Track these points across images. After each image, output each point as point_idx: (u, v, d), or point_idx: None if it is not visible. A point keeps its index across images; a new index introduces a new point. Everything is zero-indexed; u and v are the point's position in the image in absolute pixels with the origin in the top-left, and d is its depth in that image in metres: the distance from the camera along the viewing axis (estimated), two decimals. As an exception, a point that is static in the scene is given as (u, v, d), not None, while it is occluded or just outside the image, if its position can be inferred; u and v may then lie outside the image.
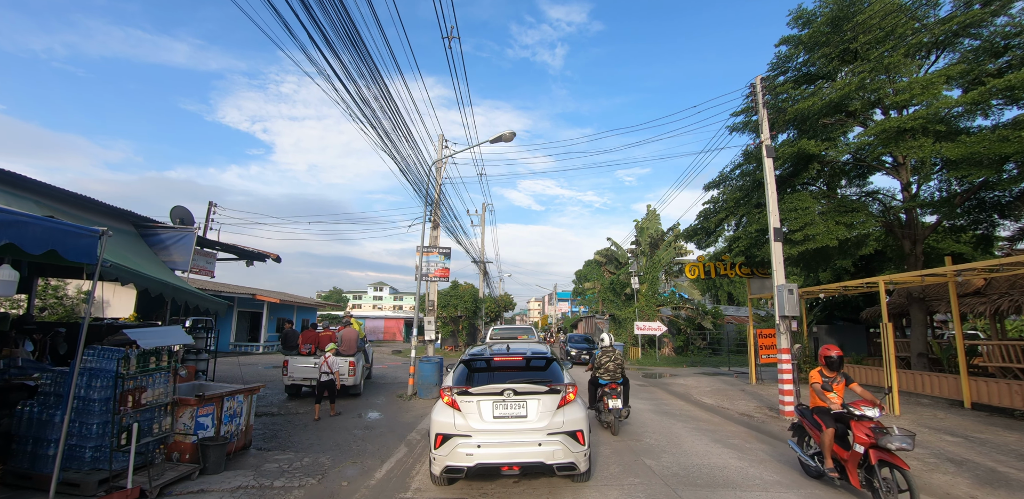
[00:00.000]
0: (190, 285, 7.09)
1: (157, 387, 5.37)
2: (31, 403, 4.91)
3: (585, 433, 5.08)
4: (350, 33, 7.96)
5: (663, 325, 22.11)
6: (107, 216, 7.06)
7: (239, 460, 6.24)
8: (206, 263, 9.28)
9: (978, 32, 11.26)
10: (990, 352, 11.47)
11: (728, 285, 37.86)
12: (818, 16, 12.79)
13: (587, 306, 42.27)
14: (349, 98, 9.10)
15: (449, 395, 5.17)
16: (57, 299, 18.97)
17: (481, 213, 31.54)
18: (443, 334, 29.41)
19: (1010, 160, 9.76)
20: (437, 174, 14.82)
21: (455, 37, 11.12)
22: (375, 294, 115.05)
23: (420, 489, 5.29)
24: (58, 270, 9.82)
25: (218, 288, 20.32)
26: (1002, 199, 11.81)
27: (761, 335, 13.33)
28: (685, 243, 23.09)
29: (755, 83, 10.93)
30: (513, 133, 12.71)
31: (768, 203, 10.26)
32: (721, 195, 15.37)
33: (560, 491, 5.19)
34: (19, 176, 5.55)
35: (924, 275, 10.00)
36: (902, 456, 4.74)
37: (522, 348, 6.16)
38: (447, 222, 17.03)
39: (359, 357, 11.61)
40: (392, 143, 11.21)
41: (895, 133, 10.41)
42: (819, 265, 15.44)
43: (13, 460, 4.74)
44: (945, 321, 23.44)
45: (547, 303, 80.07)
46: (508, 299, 42.19)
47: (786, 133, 13.92)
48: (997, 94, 9.63)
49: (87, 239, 4.16)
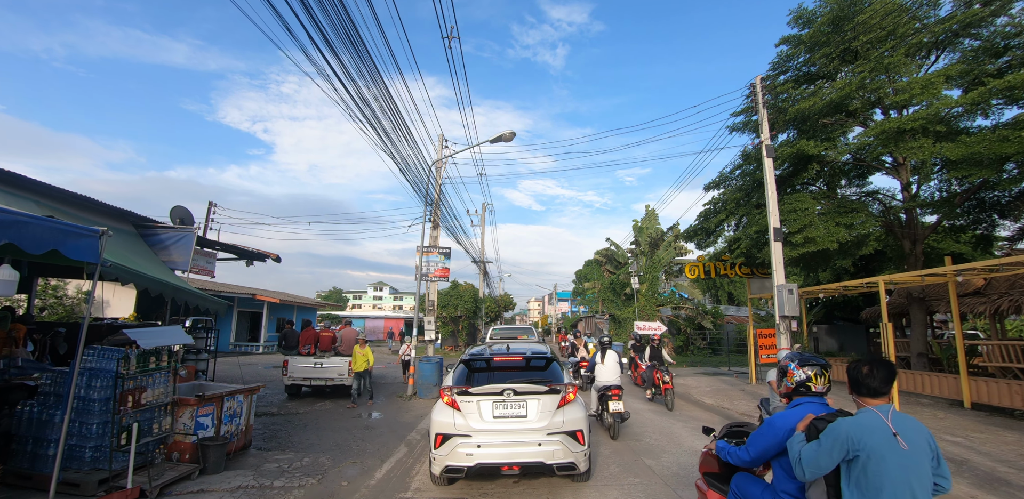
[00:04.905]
0: (190, 285, 7.08)
1: (157, 387, 5.37)
2: (31, 403, 4.90)
3: (585, 433, 5.08)
4: (350, 33, 7.96)
5: (663, 325, 22.11)
6: (107, 216, 7.05)
7: (239, 460, 6.24)
8: (206, 263, 9.27)
9: (978, 32, 11.26)
10: (990, 352, 11.47)
11: (728, 285, 37.82)
12: (819, 16, 12.80)
13: (587, 306, 42.29)
14: (349, 98, 9.11)
15: (449, 395, 5.17)
16: (57, 299, 18.97)
17: (481, 213, 31.57)
18: (443, 334, 29.40)
19: (1010, 160, 9.76)
20: (437, 174, 14.82)
21: (455, 37, 11.12)
22: (375, 294, 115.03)
23: (420, 489, 5.29)
24: (58, 270, 9.82)
25: (218, 288, 20.31)
26: (1002, 199, 11.82)
27: (761, 335, 13.33)
28: (685, 243, 23.09)
29: (755, 83, 10.94)
30: (513, 133, 12.71)
31: (768, 203, 10.26)
32: (721, 195, 15.38)
33: (560, 491, 5.19)
34: (19, 176, 5.55)
35: (924, 275, 10.00)
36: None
37: (522, 348, 6.16)
38: (447, 222, 17.04)
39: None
40: (392, 143, 11.22)
41: (895, 133, 10.41)
42: (819, 265, 15.44)
43: (13, 460, 4.74)
44: (945, 321, 23.43)
45: (547, 303, 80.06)
46: (508, 299, 42.19)
47: (786, 133, 13.92)
48: (997, 94, 9.63)
49: (87, 239, 4.16)
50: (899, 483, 2.12)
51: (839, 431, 2.22)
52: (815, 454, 2.25)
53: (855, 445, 2.17)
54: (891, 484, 2.12)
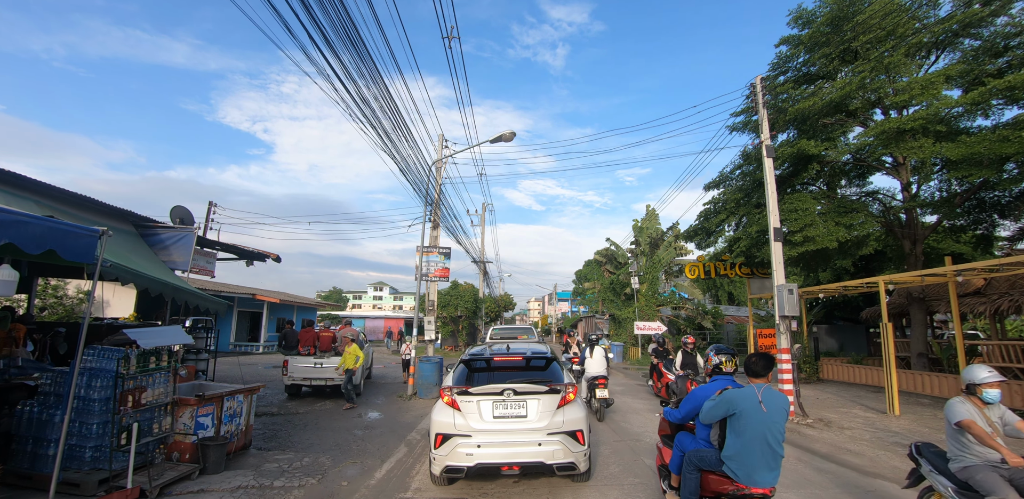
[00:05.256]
0: (190, 285, 7.08)
1: (157, 387, 5.37)
2: (31, 403, 4.90)
3: (585, 433, 5.08)
4: (350, 33, 7.96)
5: (663, 325, 22.11)
6: (107, 216, 7.05)
7: (239, 460, 6.24)
8: (206, 263, 9.27)
9: (978, 32, 11.27)
10: (990, 352, 11.47)
11: (728, 285, 37.82)
12: (818, 16, 12.80)
13: (587, 306, 42.29)
14: (349, 98, 9.10)
15: (449, 395, 5.17)
16: (57, 299, 18.97)
17: (481, 213, 31.56)
18: (443, 334, 29.39)
19: (1010, 160, 9.77)
20: (437, 174, 14.82)
21: (455, 37, 11.12)
22: (375, 294, 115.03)
23: (420, 489, 5.29)
24: (58, 270, 9.81)
25: (218, 288, 20.31)
26: (1002, 199, 11.83)
27: (761, 335, 13.29)
28: (685, 243, 23.09)
29: (755, 83, 10.93)
30: (513, 133, 12.71)
31: (768, 203, 10.25)
32: (721, 195, 15.38)
33: (560, 491, 5.20)
34: (19, 176, 5.55)
35: (924, 275, 10.00)
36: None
37: (522, 348, 6.16)
38: (447, 222, 17.03)
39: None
40: (392, 143, 11.21)
41: (895, 133, 10.41)
42: (819, 265, 15.45)
43: (13, 460, 4.74)
44: (945, 321, 23.45)
45: (547, 303, 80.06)
46: (508, 299, 42.18)
47: (786, 133, 13.92)
48: (997, 94, 9.64)
49: (87, 239, 4.16)
50: (756, 432, 3.35)
51: (726, 396, 3.48)
52: (711, 409, 3.54)
53: (734, 406, 3.40)
54: (751, 432, 3.35)
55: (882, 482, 5.56)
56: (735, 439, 3.40)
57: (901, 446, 7.08)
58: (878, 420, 8.94)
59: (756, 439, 3.34)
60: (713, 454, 3.59)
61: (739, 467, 3.40)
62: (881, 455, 6.71)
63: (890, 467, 6.14)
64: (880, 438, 7.65)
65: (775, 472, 3.43)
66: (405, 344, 14.07)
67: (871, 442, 7.40)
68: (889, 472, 5.92)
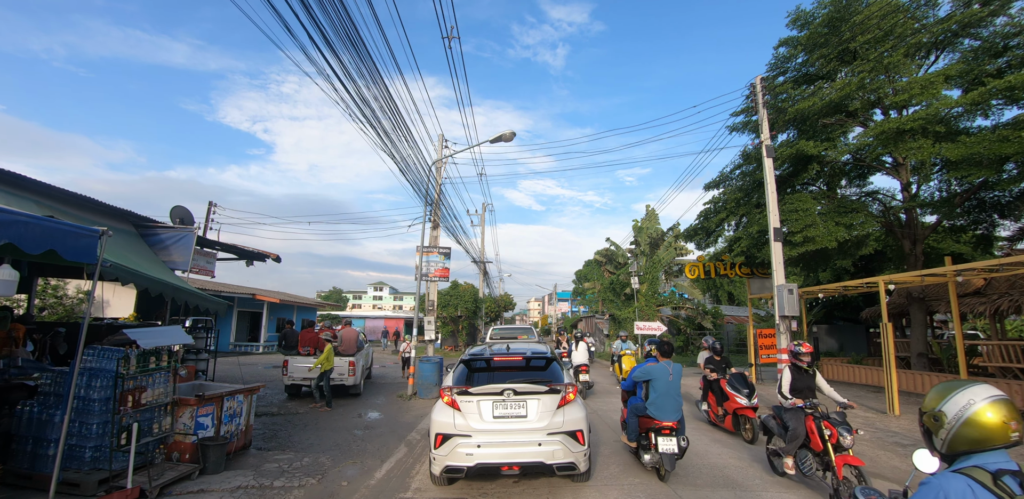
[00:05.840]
0: (190, 285, 7.08)
1: (157, 387, 5.37)
2: (31, 403, 4.90)
3: (585, 433, 5.08)
4: (350, 33, 7.96)
5: (663, 325, 22.10)
6: (107, 216, 7.05)
7: (239, 460, 6.24)
8: (206, 263, 9.27)
9: (977, 32, 11.27)
10: (990, 352, 11.48)
11: (728, 285, 37.82)
12: (816, 17, 12.81)
13: (587, 306, 42.25)
14: (349, 98, 9.10)
15: (449, 395, 5.17)
16: (57, 299, 18.97)
17: (481, 213, 31.55)
18: (443, 334, 29.38)
19: (1010, 160, 9.77)
20: (437, 174, 14.82)
21: (455, 37, 11.12)
22: (375, 294, 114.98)
23: (420, 489, 5.29)
24: (58, 270, 9.81)
25: (218, 288, 20.31)
26: (1002, 199, 11.82)
27: (761, 335, 13.33)
28: (685, 243, 23.09)
29: (755, 83, 10.94)
30: (513, 133, 12.70)
31: (768, 203, 10.26)
32: (721, 195, 15.38)
33: (560, 491, 5.20)
34: (19, 176, 5.55)
35: (924, 275, 10.00)
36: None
37: (522, 348, 6.16)
38: (447, 222, 17.03)
39: (359, 357, 11.62)
40: (392, 143, 11.21)
41: (895, 134, 10.41)
42: (819, 265, 15.45)
43: (13, 460, 4.74)
44: (945, 321, 23.43)
45: (547, 303, 80.00)
46: (508, 299, 42.15)
47: (786, 133, 13.92)
48: (997, 94, 9.63)
49: (87, 239, 4.16)
50: (665, 391, 5.58)
51: (645, 368, 5.83)
52: (639, 376, 5.84)
53: (649, 374, 5.72)
54: (662, 391, 5.59)
55: (882, 482, 5.56)
56: (654, 394, 5.61)
57: (901, 446, 7.08)
58: (878, 420, 8.93)
59: (665, 394, 5.56)
60: (643, 405, 5.74)
61: (656, 411, 5.55)
62: (881, 455, 6.71)
63: (890, 467, 6.14)
64: (880, 438, 7.64)
65: (679, 413, 5.56)
66: (405, 343, 14.06)
67: (871, 442, 7.39)
68: (889, 472, 5.91)
